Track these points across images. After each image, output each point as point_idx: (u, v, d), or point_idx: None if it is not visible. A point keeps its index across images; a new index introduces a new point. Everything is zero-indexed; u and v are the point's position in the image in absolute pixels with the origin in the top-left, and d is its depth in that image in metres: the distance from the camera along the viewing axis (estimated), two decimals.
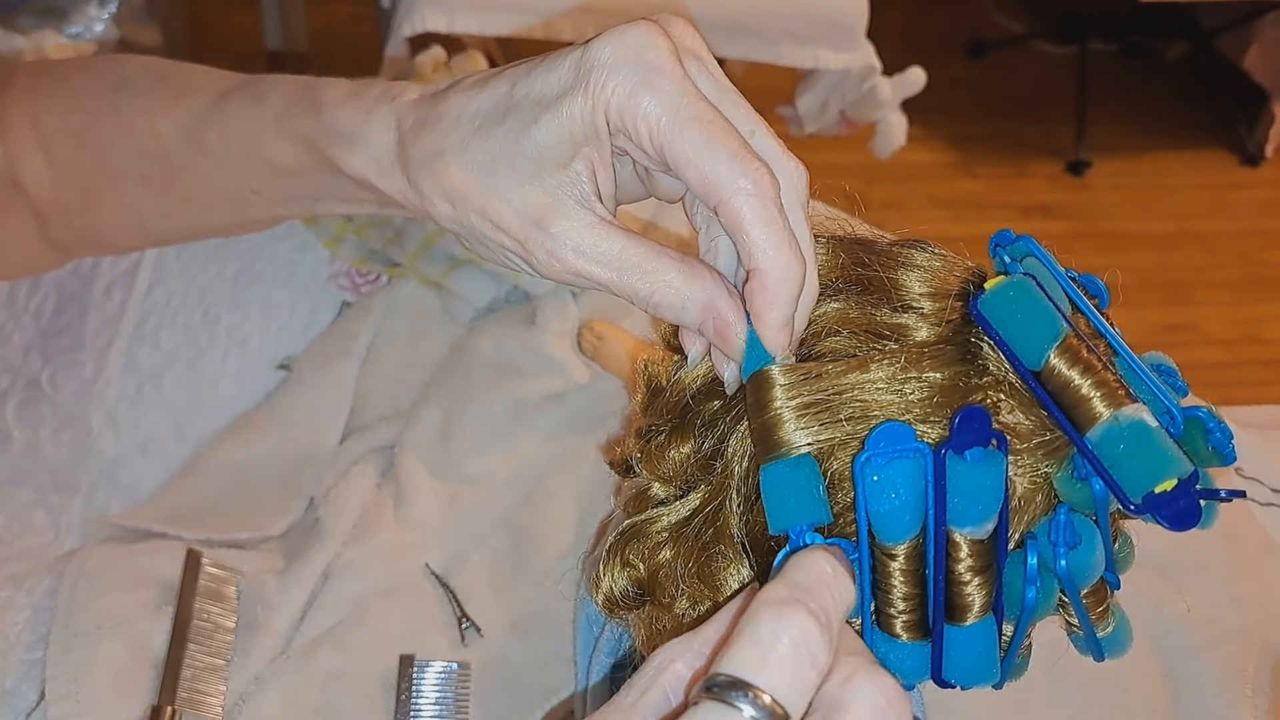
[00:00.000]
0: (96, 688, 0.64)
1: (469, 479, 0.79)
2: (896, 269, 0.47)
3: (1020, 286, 0.44)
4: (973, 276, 0.47)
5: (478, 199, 0.44)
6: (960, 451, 0.40)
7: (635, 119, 0.41)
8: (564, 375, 0.83)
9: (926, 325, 0.45)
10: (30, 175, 0.59)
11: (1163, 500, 0.41)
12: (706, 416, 0.47)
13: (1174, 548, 0.78)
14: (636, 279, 0.43)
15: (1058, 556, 0.43)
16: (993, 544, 0.42)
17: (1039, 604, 0.43)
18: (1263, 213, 2.80)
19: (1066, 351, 0.42)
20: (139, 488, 0.82)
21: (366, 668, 0.67)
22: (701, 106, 0.41)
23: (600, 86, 0.41)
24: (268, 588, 0.71)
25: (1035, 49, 3.23)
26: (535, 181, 0.43)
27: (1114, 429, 0.41)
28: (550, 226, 0.43)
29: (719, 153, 0.41)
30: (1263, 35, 2.84)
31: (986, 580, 0.42)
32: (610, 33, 0.42)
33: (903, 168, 2.56)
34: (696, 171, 0.41)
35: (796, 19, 1.65)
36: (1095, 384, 0.42)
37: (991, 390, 0.44)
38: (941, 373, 0.44)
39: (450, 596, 0.72)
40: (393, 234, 0.91)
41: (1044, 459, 0.44)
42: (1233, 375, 2.34)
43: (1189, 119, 3.06)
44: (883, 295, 0.46)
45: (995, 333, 0.43)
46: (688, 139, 0.41)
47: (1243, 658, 0.74)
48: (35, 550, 0.78)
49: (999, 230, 0.50)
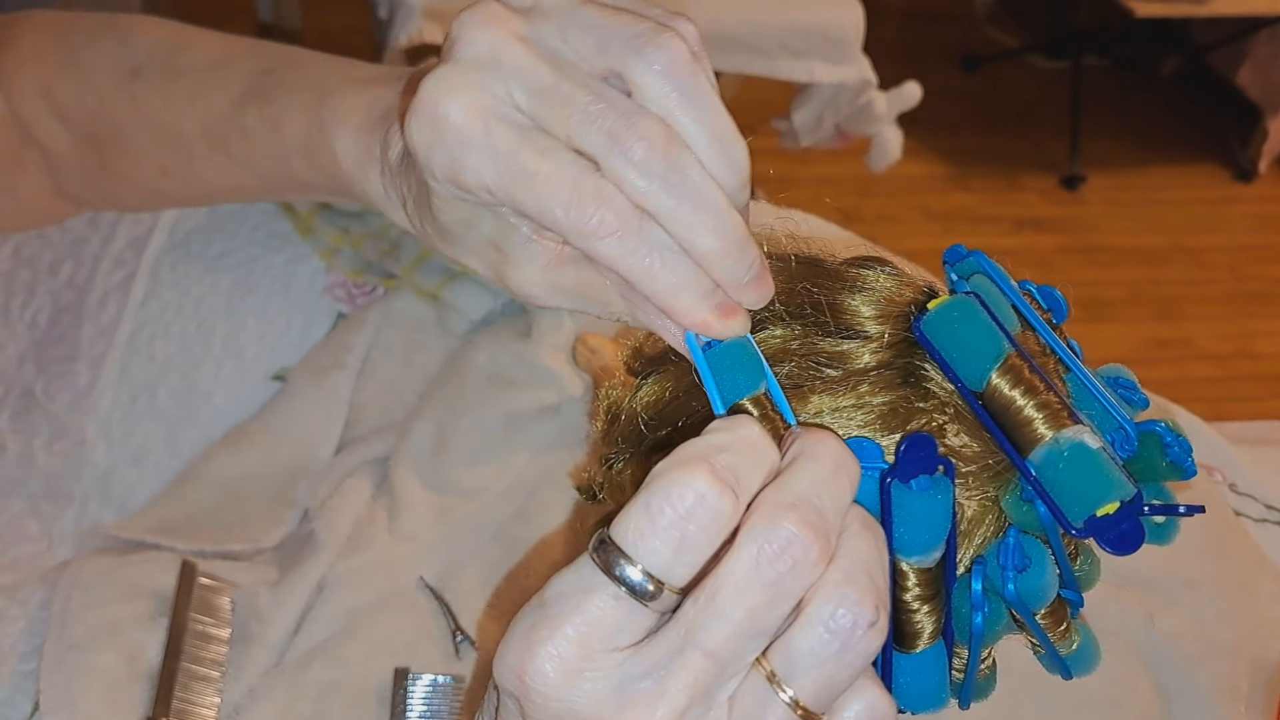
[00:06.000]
0: (90, 700, 0.64)
1: (463, 491, 0.79)
2: (843, 292, 0.46)
3: (963, 306, 0.43)
4: (921, 295, 0.46)
5: (455, 258, 0.45)
6: (906, 480, 0.39)
7: (508, 199, 0.38)
8: (559, 388, 0.83)
9: (868, 350, 0.44)
10: (48, 135, 0.59)
11: (1105, 523, 0.40)
12: (661, 442, 0.47)
13: (1165, 565, 0.79)
14: (596, 307, 0.43)
15: (1006, 580, 0.42)
16: (940, 571, 0.41)
17: (987, 629, 0.43)
18: (1255, 228, 2.81)
19: (1009, 372, 0.42)
20: (132, 498, 0.82)
21: (360, 680, 0.67)
22: (505, 148, 0.37)
23: (439, 176, 0.39)
24: (261, 600, 0.71)
25: (1029, 63, 3.24)
26: (482, 241, 0.42)
27: (1054, 451, 0.40)
28: (507, 281, 0.43)
29: (544, 200, 0.37)
30: (1256, 52, 2.86)
31: (935, 608, 0.41)
32: (411, 111, 0.38)
33: (896, 181, 2.57)
34: (551, 221, 0.38)
35: (792, 33, 1.66)
36: (1038, 405, 0.41)
37: (936, 413, 0.43)
38: (883, 397, 0.43)
39: (444, 609, 0.72)
40: (388, 246, 0.91)
41: (991, 481, 0.43)
42: (1225, 390, 2.35)
43: (1182, 134, 3.07)
44: (826, 320, 0.45)
45: (938, 354, 0.43)
46: (521, 192, 0.37)
47: (1235, 674, 0.74)
48: (28, 560, 0.78)
49: (950, 247, 0.49)
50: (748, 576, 0.32)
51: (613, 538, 0.33)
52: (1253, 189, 2.93)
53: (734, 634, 0.32)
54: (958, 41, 3.28)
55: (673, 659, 0.32)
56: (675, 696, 0.32)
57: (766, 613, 0.32)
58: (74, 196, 0.63)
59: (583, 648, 0.33)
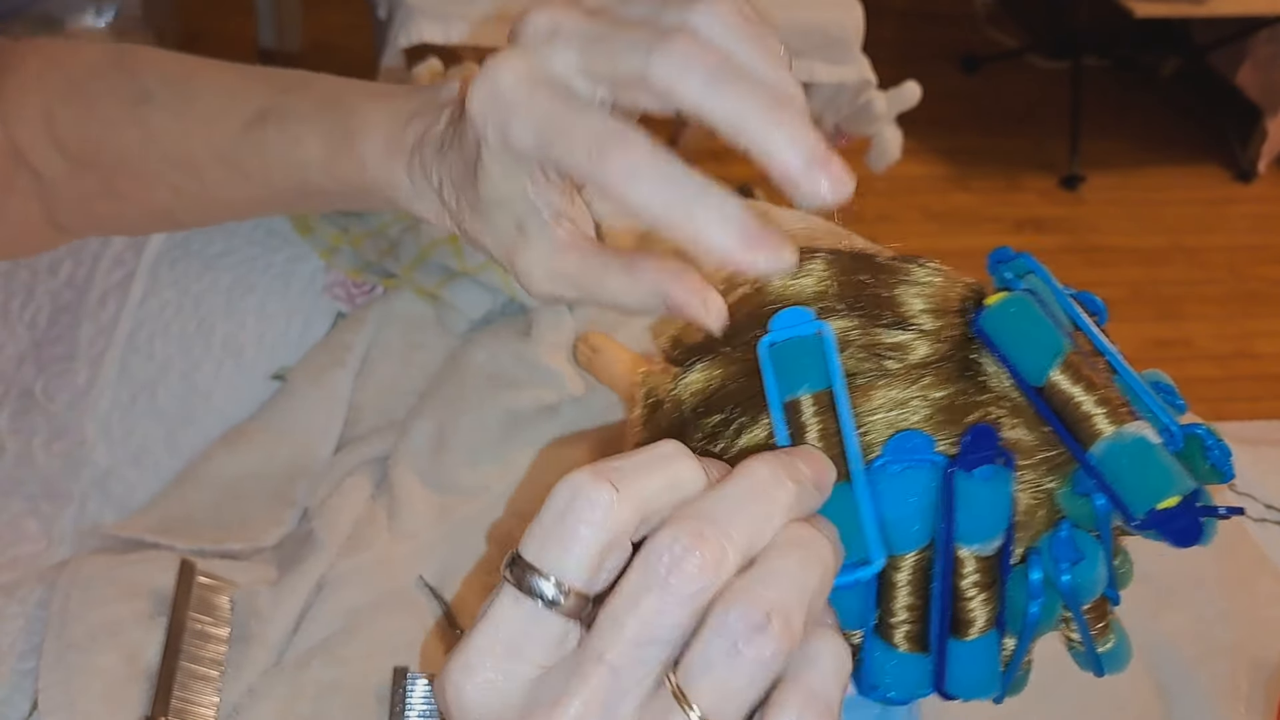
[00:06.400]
0: (89, 699, 0.64)
1: (463, 490, 0.79)
2: (896, 285, 0.47)
3: (1021, 303, 0.44)
4: (971, 293, 0.47)
5: (476, 236, 0.46)
6: (969, 469, 0.41)
7: (546, 153, 0.40)
8: (558, 387, 0.83)
9: (926, 342, 0.45)
10: (44, 161, 0.58)
11: (1165, 517, 0.41)
12: (707, 430, 0.47)
13: (1165, 564, 0.78)
14: (599, 293, 0.43)
15: (1060, 571, 0.43)
16: (997, 560, 0.42)
17: (1042, 619, 0.44)
18: (1255, 228, 2.81)
19: (1069, 368, 0.43)
20: (131, 498, 0.82)
21: (360, 680, 0.67)
22: (564, 122, 0.39)
23: (491, 139, 0.41)
24: (261, 599, 0.71)
25: (1029, 64, 3.24)
26: (508, 220, 0.44)
27: (1117, 445, 0.42)
28: (516, 262, 0.44)
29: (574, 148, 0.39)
30: (1256, 52, 2.86)
31: (991, 596, 0.43)
32: (473, 84, 0.42)
33: (895, 181, 2.57)
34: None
35: (791, 32, 1.66)
36: (1098, 401, 0.42)
37: (992, 407, 0.44)
38: (942, 390, 0.44)
39: (444, 609, 0.72)
40: (388, 245, 0.91)
41: (1046, 475, 0.44)
42: (1224, 390, 2.35)
43: (1182, 134, 3.07)
44: (882, 312, 0.46)
45: (997, 348, 0.44)
46: (558, 146, 0.39)
47: (1235, 674, 0.74)
48: (27, 560, 0.77)
49: (998, 247, 0.50)
50: (638, 583, 0.32)
51: (519, 550, 0.34)
52: (1252, 189, 2.93)
53: (629, 642, 0.32)
54: (957, 42, 3.28)
55: (576, 668, 0.32)
56: (571, 706, 0.32)
57: (658, 620, 0.32)
58: (64, 225, 0.62)
59: (492, 657, 0.33)
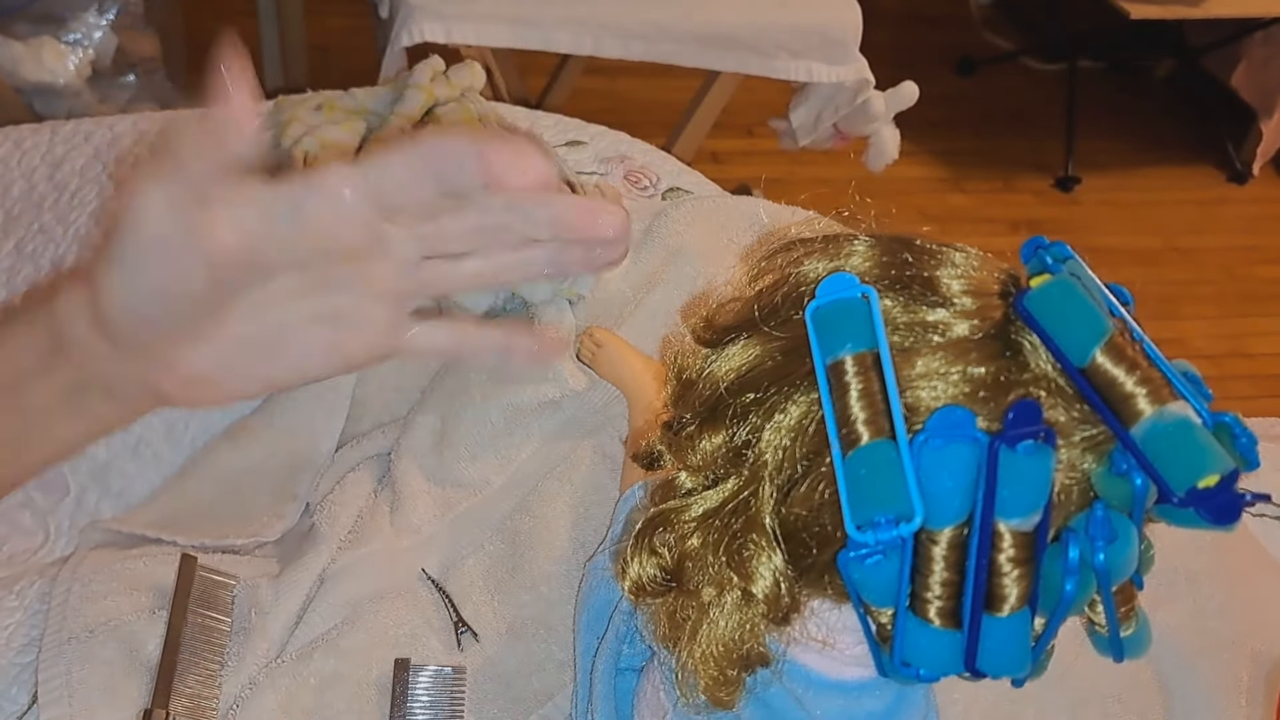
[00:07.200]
0: (89, 692, 0.63)
1: (465, 485, 0.79)
2: (937, 267, 0.48)
3: (1066, 285, 0.45)
4: (1008, 277, 0.48)
5: None
6: (1013, 444, 0.41)
7: None
8: (560, 382, 0.83)
9: (966, 321, 0.46)
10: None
11: (1206, 495, 0.42)
12: (739, 409, 0.48)
13: (1165, 557, 0.78)
14: None
15: (1096, 550, 0.43)
16: (1035, 536, 0.43)
17: (1076, 597, 0.44)
18: (1249, 229, 2.82)
19: (1112, 349, 0.43)
20: (130, 491, 0.82)
21: (361, 672, 0.67)
22: None
23: None
24: (262, 592, 0.70)
25: (1024, 66, 3.24)
26: None
27: (1159, 424, 0.42)
28: None
29: None
30: (1250, 54, 2.86)
31: (1027, 572, 0.43)
32: None
33: (892, 182, 2.57)
34: None
35: (790, 33, 1.66)
36: (1140, 380, 0.43)
37: (1032, 386, 0.45)
38: (984, 367, 0.44)
39: (446, 601, 0.72)
40: None
41: (1085, 454, 0.44)
42: (1219, 389, 2.32)
43: (1177, 136, 3.07)
44: (924, 291, 0.47)
45: (1041, 329, 0.44)
46: None
47: (1235, 667, 0.74)
48: (24, 553, 0.77)
49: (1032, 238, 0.50)
50: None
51: None
52: (1247, 190, 2.93)
53: None
54: (954, 44, 3.27)
55: None
56: None
57: None
58: None
59: None
